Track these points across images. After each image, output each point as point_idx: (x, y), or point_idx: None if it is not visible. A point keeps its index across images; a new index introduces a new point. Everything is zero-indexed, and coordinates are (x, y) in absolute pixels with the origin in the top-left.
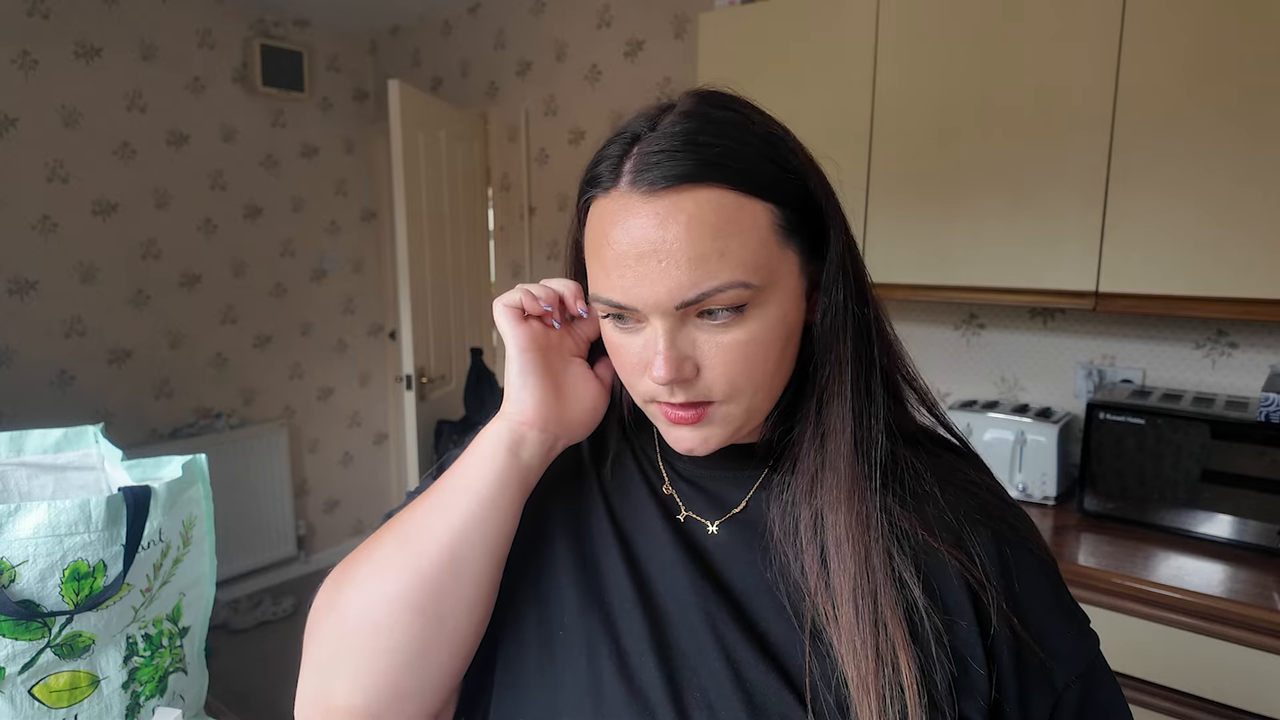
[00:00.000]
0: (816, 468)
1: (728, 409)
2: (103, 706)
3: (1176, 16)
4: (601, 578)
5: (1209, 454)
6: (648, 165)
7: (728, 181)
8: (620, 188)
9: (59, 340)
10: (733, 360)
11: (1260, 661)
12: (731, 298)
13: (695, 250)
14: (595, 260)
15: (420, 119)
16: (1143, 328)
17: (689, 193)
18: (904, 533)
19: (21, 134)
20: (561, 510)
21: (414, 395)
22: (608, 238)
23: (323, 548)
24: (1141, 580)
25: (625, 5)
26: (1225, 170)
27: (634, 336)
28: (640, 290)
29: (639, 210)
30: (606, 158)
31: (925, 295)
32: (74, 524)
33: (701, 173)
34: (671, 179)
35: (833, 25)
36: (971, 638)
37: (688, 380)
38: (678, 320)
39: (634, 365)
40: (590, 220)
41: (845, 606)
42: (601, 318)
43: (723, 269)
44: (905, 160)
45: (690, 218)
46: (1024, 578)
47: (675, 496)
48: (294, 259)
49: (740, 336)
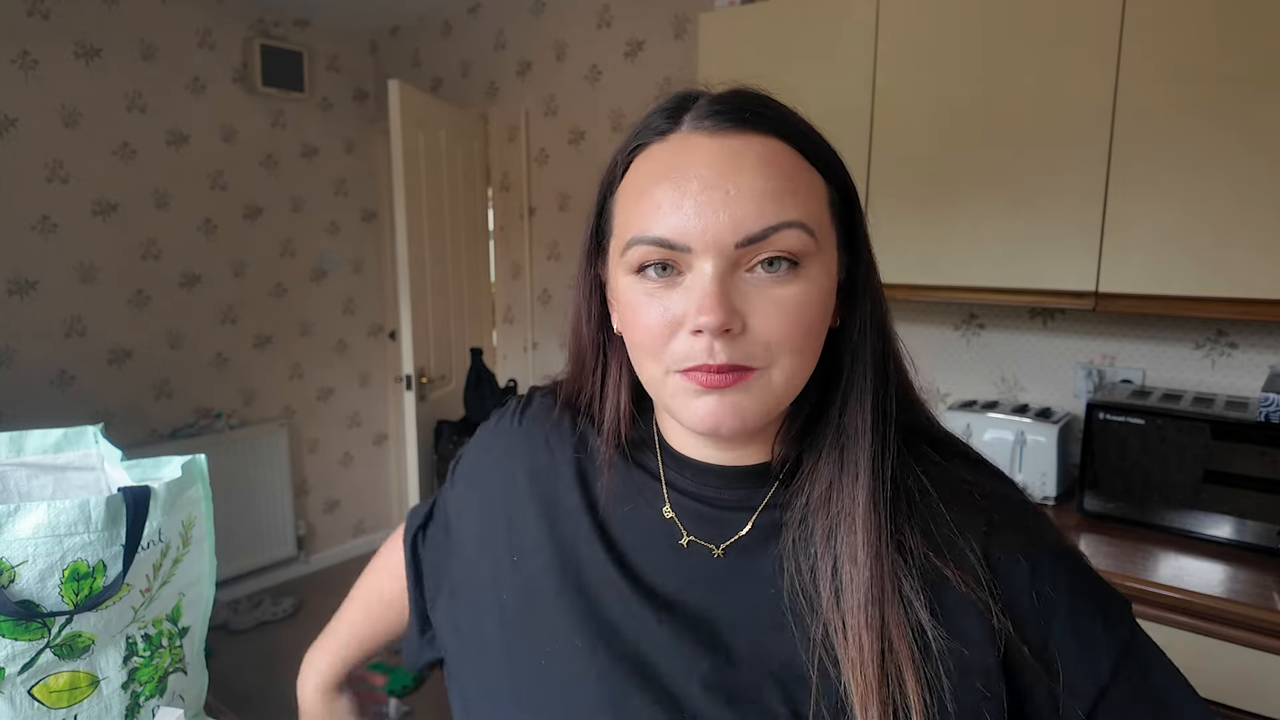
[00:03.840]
0: (833, 480)
1: (766, 379)
2: (102, 707)
3: (1176, 16)
4: (610, 623)
5: (1209, 454)
6: (712, 112)
7: (793, 140)
8: (681, 131)
9: (59, 340)
10: (785, 316)
11: (1261, 661)
12: (795, 241)
13: (768, 184)
14: (644, 199)
15: (420, 119)
16: (1142, 328)
17: (759, 138)
18: (913, 552)
19: (21, 134)
20: (551, 551)
21: (414, 395)
22: (665, 172)
23: (322, 548)
24: (1141, 580)
25: (625, 5)
26: (1225, 170)
27: (668, 292)
28: (700, 223)
29: (705, 146)
30: (661, 110)
31: (925, 295)
32: (73, 524)
33: (770, 125)
34: (741, 122)
35: (833, 25)
36: (984, 658)
37: (731, 334)
38: (730, 266)
39: (664, 325)
40: (638, 166)
41: (853, 621)
42: (628, 275)
43: (791, 208)
44: (905, 160)
45: (760, 158)
46: (1040, 588)
47: (677, 520)
48: (294, 259)
49: (794, 293)
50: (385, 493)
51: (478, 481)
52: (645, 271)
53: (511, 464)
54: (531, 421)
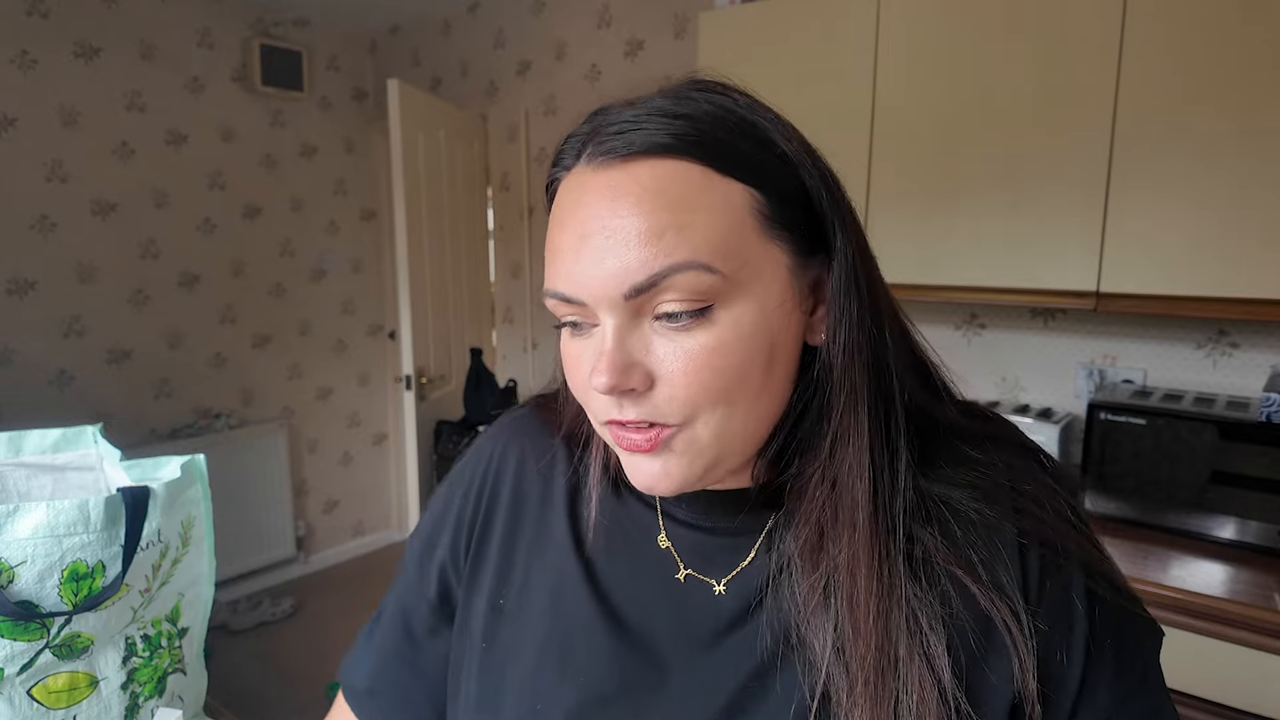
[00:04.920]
0: (826, 521)
1: (690, 435)
2: (101, 707)
3: (1177, 15)
4: (594, 667)
5: (1210, 454)
6: (606, 137)
7: (693, 155)
8: (579, 165)
9: (58, 340)
10: (694, 370)
11: (1262, 662)
12: (692, 284)
13: (648, 223)
14: (550, 244)
15: (420, 118)
16: (1144, 328)
17: (647, 164)
18: (932, 587)
19: (20, 134)
20: (538, 592)
21: (413, 395)
22: (558, 220)
23: (322, 548)
24: (1142, 580)
25: (625, 5)
26: (1226, 170)
27: (587, 341)
28: (588, 274)
29: (590, 185)
30: (575, 135)
31: (926, 295)
32: (72, 524)
33: (664, 144)
34: (628, 149)
35: (833, 24)
36: (1002, 693)
37: (636, 393)
38: (629, 316)
39: (584, 379)
40: (555, 203)
41: (861, 689)
42: (557, 326)
43: (680, 246)
44: (906, 159)
45: (644, 190)
46: (1071, 610)
47: (673, 550)
48: (293, 259)
49: (704, 341)
50: (385, 493)
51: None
52: (565, 323)
53: (497, 496)
54: (521, 445)
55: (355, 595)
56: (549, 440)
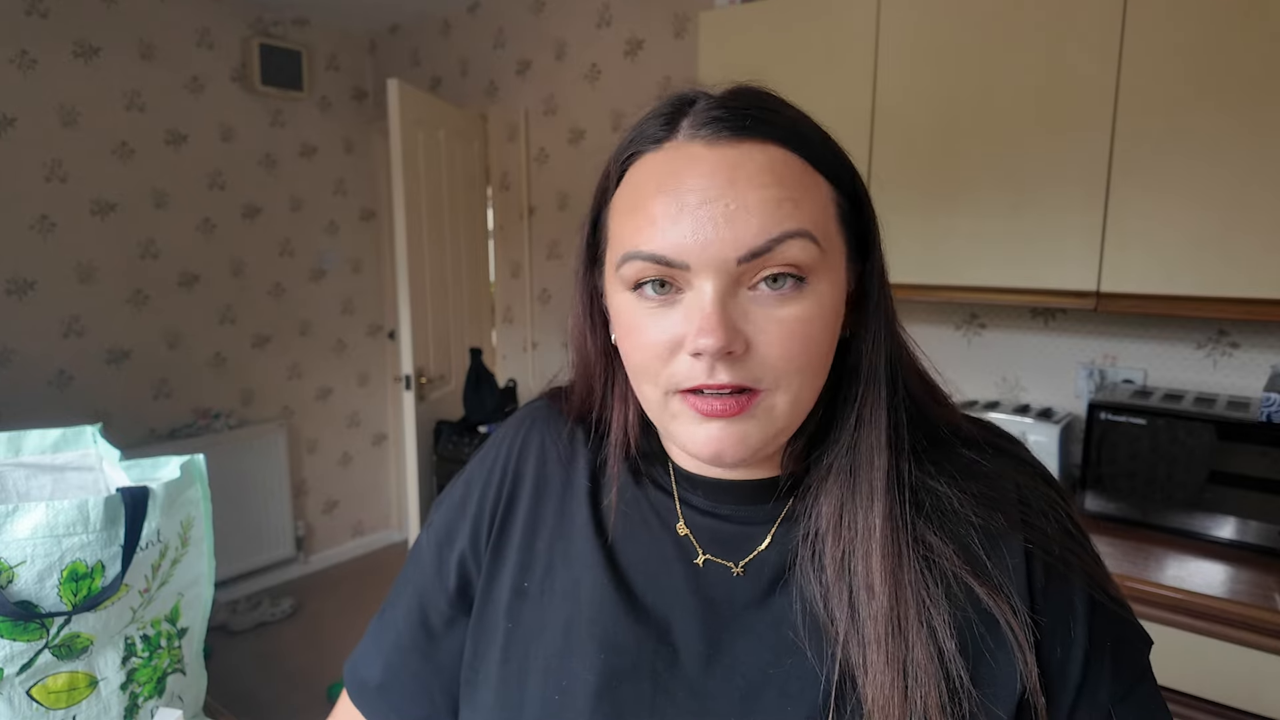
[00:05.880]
0: (844, 501)
1: (772, 401)
2: (101, 707)
3: (1177, 14)
4: (617, 648)
5: (1210, 454)
6: (711, 119)
7: (794, 145)
8: (677, 139)
9: (57, 340)
10: (787, 338)
11: (1262, 662)
12: (801, 252)
13: (769, 194)
14: (639, 212)
15: (419, 118)
16: (1144, 328)
17: (759, 145)
18: (941, 573)
19: (20, 133)
20: (561, 577)
21: (413, 395)
22: (661, 184)
23: (321, 548)
24: (1142, 580)
25: (625, 4)
26: (1227, 169)
27: (667, 310)
28: (699, 239)
29: (703, 157)
30: (657, 115)
31: (926, 295)
32: (72, 524)
33: (770, 131)
34: (740, 130)
35: (834, 24)
36: (1009, 687)
37: (734, 356)
38: (731, 284)
39: (662, 346)
40: (633, 176)
41: (874, 657)
42: (625, 291)
43: (794, 215)
44: (906, 159)
45: (760, 167)
46: (1072, 613)
47: (691, 537)
48: (293, 259)
49: (797, 312)
50: (384, 493)
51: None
52: (642, 289)
53: (519, 485)
54: (541, 435)
55: (355, 595)
56: (568, 430)
